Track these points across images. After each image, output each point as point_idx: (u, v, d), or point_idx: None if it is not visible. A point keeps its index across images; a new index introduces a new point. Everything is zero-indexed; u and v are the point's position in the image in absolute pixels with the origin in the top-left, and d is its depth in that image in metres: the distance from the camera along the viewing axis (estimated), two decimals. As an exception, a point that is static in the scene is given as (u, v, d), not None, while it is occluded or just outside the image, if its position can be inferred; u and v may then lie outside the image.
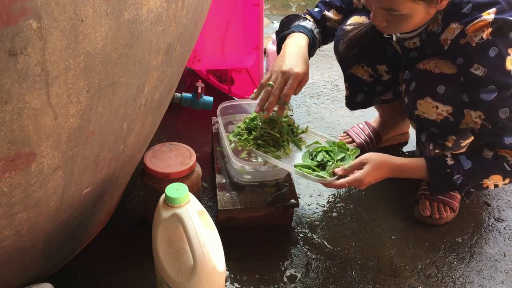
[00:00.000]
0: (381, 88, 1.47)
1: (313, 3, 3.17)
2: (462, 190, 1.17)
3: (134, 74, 0.78)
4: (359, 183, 1.15)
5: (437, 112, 1.19)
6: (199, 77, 2.02)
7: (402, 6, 1.06)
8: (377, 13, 1.13)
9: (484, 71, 1.06)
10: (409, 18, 1.10)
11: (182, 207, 0.90)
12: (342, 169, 1.17)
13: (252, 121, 1.32)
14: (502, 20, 1.04)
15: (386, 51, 1.38)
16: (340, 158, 1.24)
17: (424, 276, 1.21)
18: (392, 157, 1.20)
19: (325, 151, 1.26)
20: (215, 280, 0.92)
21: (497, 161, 1.13)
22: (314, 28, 1.36)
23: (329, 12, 1.42)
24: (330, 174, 1.18)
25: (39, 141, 0.69)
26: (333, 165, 1.20)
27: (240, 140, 1.28)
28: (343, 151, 1.27)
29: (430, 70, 1.17)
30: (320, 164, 1.23)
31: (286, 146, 1.28)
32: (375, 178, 1.17)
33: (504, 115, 1.08)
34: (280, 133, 1.28)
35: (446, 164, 1.16)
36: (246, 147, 1.26)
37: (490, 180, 1.15)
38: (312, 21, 1.38)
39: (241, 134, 1.30)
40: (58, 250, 1.02)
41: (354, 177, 1.15)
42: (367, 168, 1.15)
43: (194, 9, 0.88)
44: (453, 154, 1.18)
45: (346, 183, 1.14)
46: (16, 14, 0.55)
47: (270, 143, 1.28)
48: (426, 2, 1.05)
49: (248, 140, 1.27)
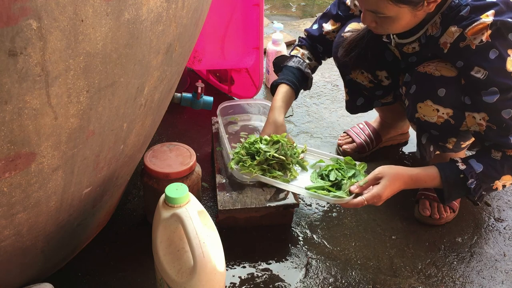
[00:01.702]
0: (381, 92, 1.47)
1: (313, 3, 3.17)
2: (476, 194, 1.16)
3: (134, 74, 0.78)
4: (378, 199, 1.13)
5: (438, 115, 1.19)
6: (199, 77, 2.02)
7: (386, 9, 1.08)
8: (365, 14, 1.15)
9: (485, 74, 1.06)
10: (395, 20, 1.10)
11: (182, 207, 0.90)
12: (357, 186, 1.16)
13: (253, 145, 1.28)
14: (501, 22, 1.04)
15: (385, 56, 1.38)
16: (351, 175, 1.23)
17: (424, 276, 1.21)
18: (404, 168, 1.19)
19: (336, 169, 1.25)
20: (215, 280, 0.92)
21: (507, 162, 1.13)
22: (301, 63, 1.44)
23: (327, 24, 1.45)
24: (347, 193, 1.17)
25: (39, 141, 0.69)
26: (348, 183, 1.18)
27: (243, 168, 1.24)
28: (352, 167, 1.26)
29: (430, 73, 1.17)
30: (333, 183, 1.22)
31: (292, 169, 1.26)
32: (392, 192, 1.15)
33: (508, 116, 1.08)
34: (285, 155, 1.26)
35: (458, 170, 1.16)
36: (252, 174, 1.23)
37: (501, 181, 1.15)
38: (300, 54, 1.47)
39: (243, 160, 1.26)
40: (58, 250, 1.02)
41: (372, 193, 1.13)
42: (383, 183, 1.14)
43: (194, 9, 0.88)
44: (463, 159, 1.18)
45: (365, 200, 1.13)
46: (16, 14, 0.55)
47: (275, 167, 1.26)
48: (410, 5, 1.06)
49: (252, 166, 1.24)
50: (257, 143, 1.28)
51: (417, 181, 1.19)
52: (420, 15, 1.11)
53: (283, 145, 1.27)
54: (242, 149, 1.28)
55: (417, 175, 1.18)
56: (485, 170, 1.14)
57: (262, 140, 1.29)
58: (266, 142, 1.28)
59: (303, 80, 1.45)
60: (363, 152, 1.60)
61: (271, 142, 1.28)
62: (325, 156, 1.34)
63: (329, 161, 1.32)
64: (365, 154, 1.61)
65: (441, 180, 1.17)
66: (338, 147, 1.64)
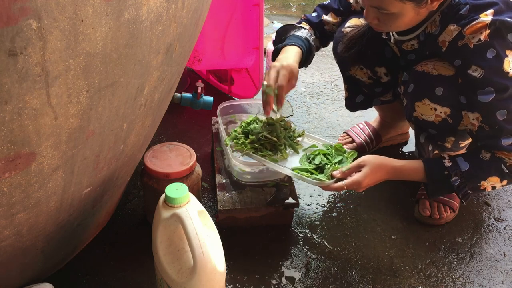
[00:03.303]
0: (381, 89, 1.47)
1: (313, 3, 3.17)
2: (460, 192, 1.17)
3: (134, 74, 0.78)
4: (357, 185, 1.15)
5: (436, 113, 1.19)
6: (199, 77, 2.02)
7: (391, 5, 1.07)
8: (368, 11, 1.15)
9: (481, 73, 1.06)
10: (398, 17, 1.10)
11: (182, 207, 0.90)
12: (340, 171, 1.17)
13: (249, 125, 1.31)
14: (500, 22, 1.03)
15: (384, 53, 1.38)
16: (337, 161, 1.23)
17: (424, 276, 1.21)
18: (389, 159, 1.20)
19: (323, 154, 1.26)
20: (215, 280, 0.92)
21: (495, 163, 1.12)
22: (310, 36, 1.37)
23: (327, 16, 1.43)
24: (328, 177, 1.18)
25: (39, 141, 0.69)
26: (331, 168, 1.20)
27: (237, 144, 1.27)
28: (341, 154, 1.26)
29: (428, 72, 1.17)
30: (318, 167, 1.22)
31: (283, 150, 1.27)
32: (373, 180, 1.16)
33: (502, 117, 1.07)
34: (277, 137, 1.27)
35: (443, 166, 1.16)
36: (244, 150, 1.25)
37: (488, 182, 1.14)
38: (307, 29, 1.40)
39: (237, 138, 1.29)
40: (58, 250, 1.02)
41: (352, 179, 1.14)
42: (365, 170, 1.15)
43: (194, 9, 0.88)
44: (450, 156, 1.18)
45: (345, 185, 1.14)
46: (16, 14, 0.55)
47: (267, 147, 1.27)
48: (414, 2, 1.06)
49: (245, 144, 1.26)
50: (253, 123, 1.31)
51: (401, 173, 1.19)
52: (423, 12, 1.11)
53: (277, 127, 1.29)
54: (239, 127, 1.32)
55: (401, 167, 1.19)
56: (470, 169, 1.14)
57: (258, 121, 1.32)
58: (261, 123, 1.30)
59: (309, 53, 1.35)
60: (363, 152, 1.60)
61: (266, 124, 1.30)
62: (319, 142, 1.35)
63: (322, 146, 1.32)
64: (365, 154, 1.61)
65: (425, 175, 1.18)
66: (338, 147, 1.64)
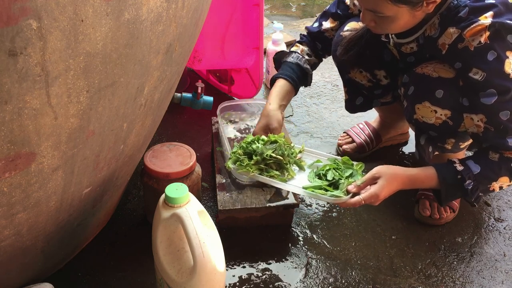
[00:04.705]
0: (380, 91, 1.47)
1: (312, 3, 3.17)
2: (473, 195, 1.16)
3: (134, 74, 0.78)
4: (375, 198, 1.14)
5: (436, 116, 1.19)
6: (199, 77, 2.02)
7: (385, 9, 1.08)
8: (365, 13, 1.15)
9: (483, 76, 1.06)
10: (394, 20, 1.11)
11: (182, 207, 0.90)
12: (355, 185, 1.17)
13: (250, 145, 1.28)
14: (500, 24, 1.03)
15: (383, 56, 1.38)
16: (348, 175, 1.23)
17: (424, 276, 1.21)
18: (402, 168, 1.19)
19: (333, 168, 1.25)
20: (215, 280, 0.92)
21: (504, 163, 1.13)
22: (300, 59, 1.43)
23: (327, 22, 1.45)
24: (344, 192, 1.17)
25: (39, 141, 0.69)
26: (346, 183, 1.19)
27: (241, 167, 1.24)
28: (349, 167, 1.26)
29: (428, 74, 1.17)
30: (331, 183, 1.22)
31: (289, 169, 1.27)
32: (389, 192, 1.16)
33: (505, 117, 1.08)
34: (282, 155, 1.26)
35: (456, 170, 1.15)
36: (249, 173, 1.23)
37: (498, 182, 1.15)
38: (299, 52, 1.45)
39: (240, 160, 1.26)
40: (58, 250, 1.02)
41: (370, 193, 1.14)
42: (381, 183, 1.14)
43: (194, 9, 0.88)
44: (460, 160, 1.18)
45: (363, 200, 1.14)
46: (16, 14, 0.55)
47: (273, 167, 1.26)
48: (408, 5, 1.06)
49: (249, 166, 1.24)
50: (255, 143, 1.28)
51: (415, 182, 1.19)
52: (418, 15, 1.11)
53: (280, 145, 1.27)
54: (239, 149, 1.28)
55: (414, 176, 1.18)
56: (482, 171, 1.14)
57: (260, 140, 1.29)
58: (263, 142, 1.28)
59: (303, 76, 1.44)
60: (363, 152, 1.60)
61: (269, 142, 1.28)
62: (322, 156, 1.34)
63: (326, 161, 1.32)
64: (365, 154, 1.61)
65: (439, 181, 1.17)
66: (338, 147, 1.64)
